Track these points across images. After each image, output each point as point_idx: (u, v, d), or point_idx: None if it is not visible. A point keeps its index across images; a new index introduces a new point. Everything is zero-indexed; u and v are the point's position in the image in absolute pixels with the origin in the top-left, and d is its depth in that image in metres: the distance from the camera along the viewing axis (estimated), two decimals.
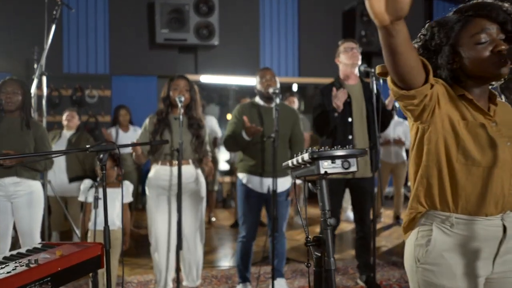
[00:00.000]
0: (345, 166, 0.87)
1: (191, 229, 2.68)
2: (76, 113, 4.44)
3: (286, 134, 2.81)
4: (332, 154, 0.84)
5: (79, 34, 6.67)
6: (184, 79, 2.72)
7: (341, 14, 7.48)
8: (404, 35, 1.03)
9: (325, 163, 0.86)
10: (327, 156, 0.84)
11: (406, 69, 1.07)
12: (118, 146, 1.62)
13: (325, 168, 0.85)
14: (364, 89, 2.93)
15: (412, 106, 1.14)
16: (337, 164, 0.87)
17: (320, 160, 0.85)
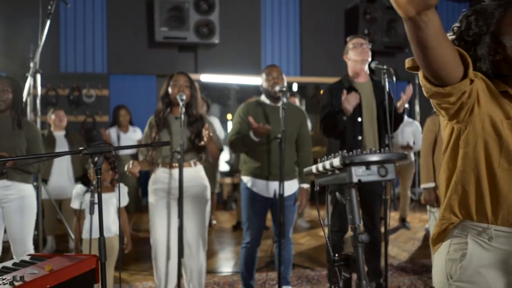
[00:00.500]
0: (381, 173, 0.73)
1: (193, 235, 2.53)
2: (64, 113, 4.30)
3: (293, 134, 2.67)
4: (367, 159, 0.71)
5: (77, 32, 6.53)
6: (184, 75, 2.57)
7: (343, 12, 7.36)
8: (435, 26, 0.88)
9: (359, 170, 0.73)
10: (361, 162, 0.71)
11: (440, 64, 0.93)
12: (114, 148, 1.48)
13: (359, 175, 0.72)
14: (375, 88, 2.78)
15: (447, 104, 1.00)
16: (372, 171, 0.74)
17: (353, 166, 0.72)
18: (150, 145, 1.68)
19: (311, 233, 4.94)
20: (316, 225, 5.29)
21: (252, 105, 2.67)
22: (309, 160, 2.75)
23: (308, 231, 4.99)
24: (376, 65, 2.66)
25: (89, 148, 1.44)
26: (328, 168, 0.76)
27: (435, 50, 0.90)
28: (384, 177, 0.73)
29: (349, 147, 2.69)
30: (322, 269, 3.54)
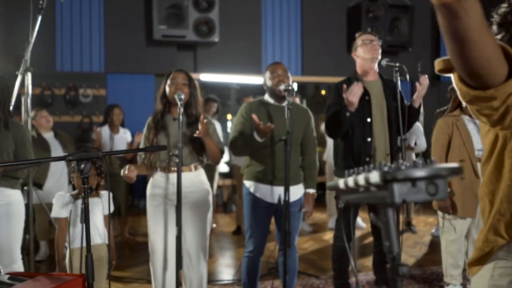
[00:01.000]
0: (431, 191, 0.58)
1: (194, 244, 2.37)
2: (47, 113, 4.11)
3: (298, 136, 2.51)
4: (414, 175, 0.56)
5: (73, 30, 6.38)
6: (183, 72, 2.40)
7: (345, 10, 7.22)
8: (477, 15, 0.73)
9: (403, 188, 0.57)
10: (406, 178, 0.56)
11: (481, 61, 0.78)
12: (103, 153, 1.33)
13: (404, 195, 0.57)
14: (385, 87, 2.63)
15: (489, 110, 0.85)
16: (419, 189, 0.58)
17: (395, 183, 0.57)
18: (145, 150, 1.52)
19: (315, 237, 4.79)
20: (319, 228, 5.14)
21: (255, 105, 2.51)
22: (315, 163, 2.60)
23: (311, 235, 4.84)
24: (388, 62, 2.50)
25: (76, 153, 1.28)
26: (361, 184, 0.61)
27: (475, 44, 0.75)
28: (434, 195, 0.58)
29: (358, 149, 2.54)
30: (327, 276, 3.39)
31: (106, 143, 4.40)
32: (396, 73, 2.45)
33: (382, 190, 0.58)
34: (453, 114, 2.81)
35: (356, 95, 2.36)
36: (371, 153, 2.53)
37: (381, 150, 2.55)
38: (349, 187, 0.65)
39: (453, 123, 2.75)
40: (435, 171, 0.57)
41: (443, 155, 2.69)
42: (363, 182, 0.61)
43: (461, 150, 2.68)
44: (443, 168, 0.57)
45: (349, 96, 2.36)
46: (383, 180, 0.57)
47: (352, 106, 2.40)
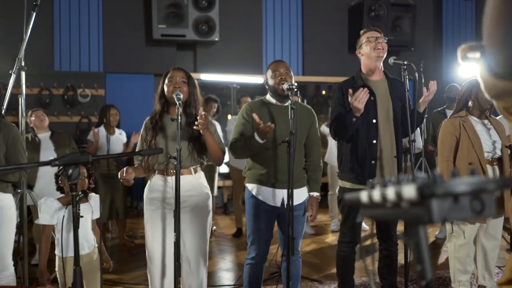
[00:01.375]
0: (476, 208, 0.49)
1: (193, 250, 2.27)
2: (43, 112, 4.00)
3: (302, 137, 2.42)
4: (456, 190, 0.47)
5: (71, 29, 6.28)
6: (181, 70, 2.30)
7: (347, 9, 7.12)
8: None
9: (444, 205, 0.48)
10: (446, 194, 0.47)
11: None
12: (93, 157, 1.24)
13: (444, 213, 0.48)
14: (390, 86, 2.53)
15: None
16: (462, 206, 0.49)
17: (434, 199, 0.48)
18: (139, 153, 1.43)
19: (317, 240, 4.70)
20: (321, 231, 5.05)
21: (256, 105, 2.42)
22: (319, 165, 2.51)
23: (313, 238, 4.75)
24: (395, 60, 2.40)
25: (63, 157, 1.19)
26: (392, 200, 0.52)
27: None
28: (480, 213, 0.49)
29: (363, 152, 2.44)
30: (331, 282, 3.30)
31: (103, 145, 4.30)
32: (404, 71, 2.35)
33: (417, 207, 0.49)
34: (459, 115, 2.71)
35: (361, 101, 2.26)
36: (376, 156, 2.44)
37: (387, 152, 2.46)
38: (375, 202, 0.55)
39: (460, 124, 2.66)
40: (482, 185, 0.48)
41: (451, 157, 2.60)
42: (394, 197, 0.51)
43: (470, 152, 2.59)
44: (491, 181, 0.48)
45: (354, 102, 2.26)
46: (419, 196, 0.48)
47: (358, 112, 2.31)
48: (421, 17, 7.12)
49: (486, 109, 2.67)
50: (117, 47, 6.34)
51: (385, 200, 0.54)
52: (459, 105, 2.73)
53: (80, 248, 2.19)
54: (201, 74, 6.47)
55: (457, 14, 7.83)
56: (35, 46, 6.01)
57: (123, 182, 2.16)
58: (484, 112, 2.69)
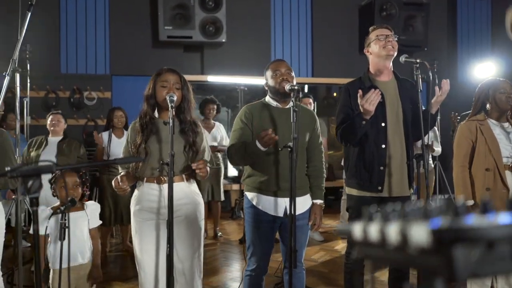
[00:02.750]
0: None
1: (187, 261, 2.13)
2: (62, 117, 3.94)
3: (304, 142, 2.26)
4: (493, 234, 0.32)
5: (78, 32, 6.24)
6: (175, 73, 2.16)
7: (357, 9, 6.95)
8: None
9: (472, 254, 0.33)
10: (476, 238, 0.32)
11: None
12: (57, 167, 1.11)
13: (472, 266, 0.33)
14: (400, 87, 2.37)
15: None
16: (500, 255, 0.34)
17: (457, 248, 0.33)
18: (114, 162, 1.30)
19: (325, 247, 4.52)
20: (331, 237, 4.87)
21: (256, 108, 2.27)
22: (322, 171, 2.35)
23: (321, 245, 4.58)
24: (407, 58, 2.24)
25: (20, 167, 1.06)
26: (393, 242, 0.37)
27: None
28: None
29: (370, 157, 2.28)
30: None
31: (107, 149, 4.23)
32: (416, 70, 2.18)
33: (432, 256, 0.34)
34: (476, 118, 2.54)
35: (373, 103, 2.10)
36: (385, 161, 2.27)
37: (397, 158, 2.29)
38: (372, 242, 0.41)
39: (477, 127, 2.48)
40: None
41: (466, 163, 2.42)
42: (398, 240, 0.36)
43: (487, 157, 2.42)
44: None
45: (365, 104, 2.10)
46: (435, 242, 0.33)
47: (368, 115, 2.15)
48: (434, 16, 6.90)
49: (506, 110, 2.49)
50: (123, 50, 6.28)
51: (385, 241, 0.40)
52: (476, 107, 2.56)
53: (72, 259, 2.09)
54: (208, 76, 6.36)
55: (472, 13, 7.58)
56: (41, 48, 6.00)
57: (117, 192, 2.03)
58: (504, 114, 2.51)
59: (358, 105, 2.20)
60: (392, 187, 2.28)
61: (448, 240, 0.34)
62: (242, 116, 2.26)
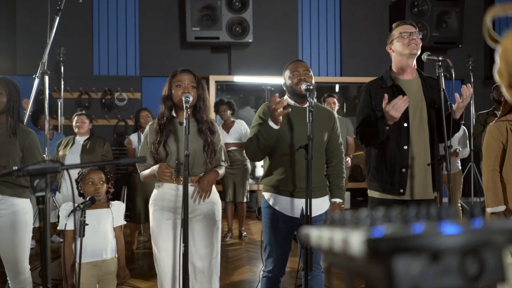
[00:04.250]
0: (470, 272, 0.31)
1: (205, 260, 2.15)
2: (86, 117, 4.06)
3: (322, 142, 2.23)
4: (436, 244, 0.29)
5: (109, 35, 6.44)
6: (190, 73, 2.18)
7: (387, 6, 6.77)
8: None
9: (414, 266, 0.31)
10: (418, 248, 0.29)
11: None
12: (64, 166, 1.14)
13: (414, 279, 0.30)
14: (424, 86, 2.27)
15: None
16: (446, 268, 0.31)
17: (397, 258, 0.30)
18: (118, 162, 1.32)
19: None
20: None
21: None
22: (342, 171, 2.30)
23: None
24: (429, 56, 2.15)
25: (27, 166, 1.10)
26: (337, 249, 0.35)
27: None
28: (476, 280, 0.32)
29: (392, 158, 2.20)
30: None
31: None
32: (439, 68, 2.09)
33: (372, 265, 0.32)
34: (506, 119, 2.40)
35: (399, 110, 2.01)
36: (407, 163, 2.19)
37: (420, 160, 2.20)
38: (323, 247, 0.38)
39: (508, 128, 2.35)
40: (481, 237, 0.30)
41: (496, 166, 2.30)
42: (341, 247, 0.34)
43: None
44: (496, 231, 0.30)
45: (391, 110, 2.02)
46: (368, 251, 0.31)
47: (393, 120, 2.06)
48: (470, 11, 6.61)
49: None
50: (152, 51, 6.42)
51: (332, 248, 0.37)
52: (506, 107, 2.43)
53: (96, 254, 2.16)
54: (235, 77, 6.39)
55: None
56: (75, 52, 6.22)
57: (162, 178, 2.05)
58: None
59: (379, 105, 2.14)
60: (415, 190, 2.20)
61: (386, 250, 0.31)
62: (261, 113, 2.25)
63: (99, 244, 2.16)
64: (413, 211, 0.34)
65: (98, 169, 2.18)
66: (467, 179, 6.61)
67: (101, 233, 2.15)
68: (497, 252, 0.32)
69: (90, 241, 2.11)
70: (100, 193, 2.18)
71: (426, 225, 0.31)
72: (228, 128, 4.88)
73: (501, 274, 0.32)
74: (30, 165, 1.11)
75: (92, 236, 2.09)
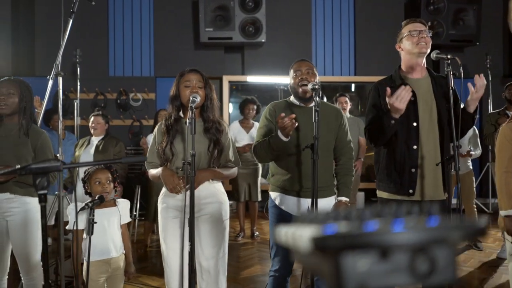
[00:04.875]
0: (419, 269, 0.31)
1: (212, 259, 2.16)
2: (101, 118, 4.13)
3: (329, 141, 2.22)
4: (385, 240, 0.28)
5: (124, 37, 6.53)
6: (197, 73, 2.20)
7: (403, 4, 6.68)
8: None
9: (362, 263, 0.30)
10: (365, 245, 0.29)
11: None
12: (66, 165, 1.17)
13: (360, 277, 0.30)
14: (434, 85, 2.23)
15: None
16: (394, 266, 0.31)
17: (344, 253, 0.30)
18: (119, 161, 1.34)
19: None
20: None
21: (280, 106, 2.26)
22: (350, 170, 2.28)
23: None
24: (438, 54, 2.11)
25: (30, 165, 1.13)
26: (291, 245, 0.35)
27: None
28: (427, 278, 0.31)
29: (401, 158, 2.17)
30: None
31: None
32: (448, 67, 2.05)
33: (321, 262, 0.32)
34: None
35: (403, 100, 1.99)
36: (417, 163, 2.16)
37: (430, 160, 2.16)
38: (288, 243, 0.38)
39: None
40: (433, 235, 0.29)
41: (510, 168, 2.23)
42: (293, 243, 0.34)
43: None
44: (449, 229, 0.30)
45: (395, 101, 1.99)
46: (315, 248, 0.31)
47: (398, 113, 2.04)
48: (488, 9, 6.46)
49: None
50: (167, 52, 6.49)
51: (290, 245, 0.37)
52: None
53: (105, 252, 2.20)
54: (248, 76, 6.40)
55: None
56: (91, 53, 6.34)
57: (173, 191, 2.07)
58: None
59: (387, 103, 2.11)
60: (425, 191, 2.17)
61: (332, 247, 0.31)
62: (267, 114, 2.25)
63: (108, 242, 2.20)
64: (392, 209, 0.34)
65: (105, 169, 2.22)
66: (485, 179, 6.47)
67: (109, 231, 2.19)
68: (449, 250, 0.32)
69: (99, 239, 2.15)
70: (108, 193, 2.21)
71: (379, 222, 0.31)
72: (248, 128, 4.91)
73: (452, 273, 0.32)
74: (33, 163, 1.14)
75: (101, 234, 2.13)
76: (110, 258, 2.19)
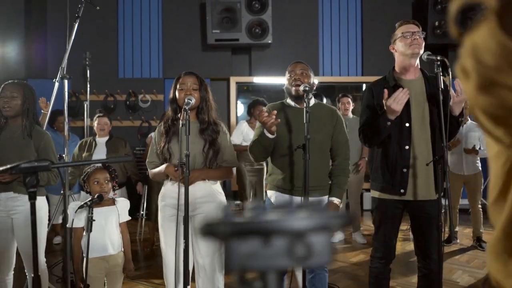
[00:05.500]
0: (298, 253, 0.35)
1: (208, 257, 2.22)
2: (107, 118, 4.23)
3: (323, 141, 2.26)
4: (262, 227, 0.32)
5: (134, 39, 6.65)
6: (192, 75, 2.27)
7: (410, 4, 6.66)
8: None
9: (246, 248, 0.34)
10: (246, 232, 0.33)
11: None
12: (54, 165, 1.23)
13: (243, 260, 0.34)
14: (427, 86, 2.25)
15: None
16: (274, 250, 0.35)
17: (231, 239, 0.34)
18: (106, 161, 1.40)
19: (367, 250, 4.40)
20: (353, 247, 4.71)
21: (276, 107, 2.32)
22: (345, 170, 2.31)
23: (364, 248, 4.46)
24: (428, 56, 2.14)
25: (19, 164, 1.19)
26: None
27: None
28: (305, 260, 0.35)
29: (394, 158, 2.20)
30: None
31: None
32: (437, 68, 2.07)
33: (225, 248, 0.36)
34: None
35: (400, 102, 2.02)
36: (409, 163, 2.18)
37: (422, 160, 2.18)
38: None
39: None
40: (311, 223, 0.34)
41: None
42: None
43: None
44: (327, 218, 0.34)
45: (392, 103, 2.02)
46: (205, 233, 0.35)
47: (394, 115, 2.07)
48: None
49: None
50: (175, 54, 6.58)
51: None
52: None
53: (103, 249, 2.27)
54: (254, 77, 6.45)
55: None
56: (101, 56, 6.48)
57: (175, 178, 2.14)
58: None
59: (382, 105, 2.14)
60: (417, 190, 2.19)
61: (220, 233, 0.36)
62: None
63: (107, 240, 2.27)
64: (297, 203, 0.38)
65: (103, 169, 2.30)
66: None
67: (108, 229, 2.26)
68: (325, 237, 0.37)
69: (97, 237, 2.22)
70: (106, 192, 2.29)
71: (270, 213, 0.36)
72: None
73: (328, 257, 0.36)
74: (22, 163, 1.21)
75: (99, 232, 2.21)
76: (108, 255, 2.26)
